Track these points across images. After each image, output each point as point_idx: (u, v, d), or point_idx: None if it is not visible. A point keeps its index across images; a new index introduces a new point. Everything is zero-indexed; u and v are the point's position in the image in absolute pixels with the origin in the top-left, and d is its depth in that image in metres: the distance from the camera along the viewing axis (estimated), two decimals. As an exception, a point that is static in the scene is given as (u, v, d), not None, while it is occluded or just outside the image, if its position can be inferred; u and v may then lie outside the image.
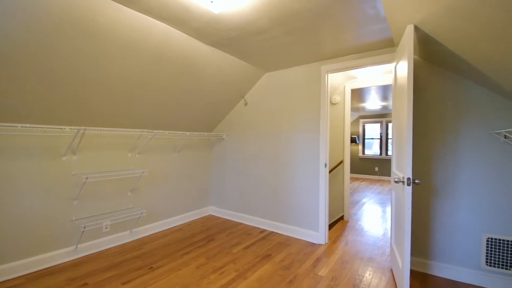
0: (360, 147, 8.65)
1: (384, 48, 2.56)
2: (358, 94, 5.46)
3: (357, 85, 3.79)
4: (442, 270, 2.28)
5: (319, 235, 2.98)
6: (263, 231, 3.36)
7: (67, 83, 2.07)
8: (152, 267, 2.37)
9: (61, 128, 2.25)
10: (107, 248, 2.74)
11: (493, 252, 2.07)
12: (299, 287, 2.09)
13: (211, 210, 4.10)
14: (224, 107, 3.67)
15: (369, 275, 2.30)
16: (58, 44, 1.80)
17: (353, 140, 8.52)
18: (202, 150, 3.98)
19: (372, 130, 8.63)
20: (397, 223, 2.18)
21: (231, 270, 2.34)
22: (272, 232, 3.32)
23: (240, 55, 2.81)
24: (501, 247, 2.04)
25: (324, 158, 2.94)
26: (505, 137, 2.03)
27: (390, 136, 8.09)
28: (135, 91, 2.51)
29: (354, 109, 7.41)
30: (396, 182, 1.96)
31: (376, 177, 8.31)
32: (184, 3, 1.78)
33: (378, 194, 5.96)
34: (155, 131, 2.98)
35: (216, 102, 3.43)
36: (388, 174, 8.07)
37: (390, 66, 3.11)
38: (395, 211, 2.28)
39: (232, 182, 3.83)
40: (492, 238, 2.07)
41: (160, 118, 3.05)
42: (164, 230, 3.31)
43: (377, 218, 4.06)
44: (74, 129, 2.32)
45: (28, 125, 2.03)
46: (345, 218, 3.90)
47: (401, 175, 1.92)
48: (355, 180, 8.02)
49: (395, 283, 2.16)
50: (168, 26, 2.11)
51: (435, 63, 2.27)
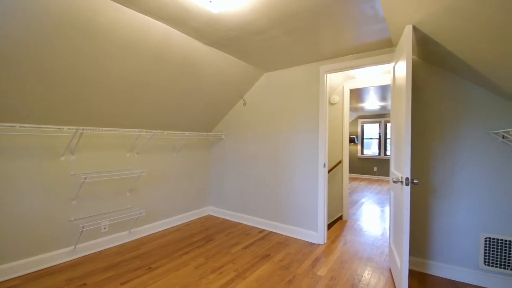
0: (359, 147, 8.67)
1: (383, 48, 2.57)
2: (357, 94, 5.47)
3: (356, 85, 3.80)
4: (441, 269, 2.29)
5: (318, 235, 2.99)
6: (262, 231, 3.36)
7: (67, 83, 2.07)
8: (151, 267, 2.37)
9: (59, 128, 2.25)
10: (106, 248, 2.74)
11: (491, 252, 2.08)
12: (298, 287, 2.10)
13: (210, 210, 4.10)
14: (223, 107, 3.67)
15: (367, 274, 2.31)
16: (58, 44, 1.80)
17: (352, 140, 8.53)
18: (201, 150, 3.98)
19: (371, 130, 8.65)
20: (395, 223, 2.19)
21: (230, 270, 2.34)
22: (271, 232, 3.33)
23: (239, 55, 2.81)
24: (499, 247, 2.05)
25: (323, 158, 2.94)
26: (503, 137, 2.04)
27: (388, 136, 8.11)
28: (134, 91, 2.50)
29: (353, 109, 7.43)
30: (394, 182, 1.97)
31: (374, 177, 8.33)
32: (183, 3, 1.78)
33: (377, 194, 5.98)
34: (154, 131, 2.98)
35: (215, 102, 3.43)
36: (387, 174, 8.09)
37: (389, 66, 3.12)
38: (394, 211, 2.29)
39: (231, 182, 3.83)
40: (490, 238, 2.08)
41: (159, 118, 3.05)
42: (163, 230, 3.31)
43: (375, 218, 4.07)
44: (72, 129, 2.31)
45: (26, 125, 2.03)
46: (344, 218, 3.90)
47: (399, 175, 1.93)
48: (354, 180, 8.04)
49: (394, 283, 2.17)
50: (168, 26, 2.11)
51: (433, 63, 2.28)
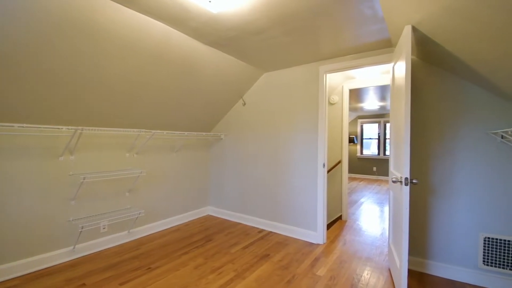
0: (358, 147, 8.68)
1: (382, 48, 2.57)
2: (356, 94, 5.47)
3: (355, 85, 3.80)
4: (440, 269, 2.29)
5: (317, 235, 2.99)
6: (261, 231, 3.36)
7: (67, 83, 2.06)
8: (150, 268, 2.36)
9: (58, 128, 2.24)
10: (105, 249, 2.73)
11: (490, 252, 2.08)
12: (297, 287, 2.10)
13: (210, 210, 4.09)
14: (222, 107, 3.66)
15: (367, 274, 2.31)
16: (58, 44, 1.79)
17: (351, 140, 8.54)
18: (201, 150, 3.97)
19: (370, 130, 8.66)
20: (395, 222, 2.19)
21: (230, 270, 2.34)
22: (271, 232, 3.33)
23: (238, 55, 2.81)
24: (498, 247, 2.06)
25: (322, 158, 2.94)
26: (502, 137, 2.05)
27: (388, 136, 8.12)
28: (134, 91, 2.50)
29: (352, 109, 7.43)
30: (394, 182, 1.97)
31: (374, 177, 8.34)
32: (183, 3, 1.78)
33: (376, 194, 5.98)
34: (153, 131, 2.97)
35: (214, 102, 3.42)
36: (386, 174, 8.10)
37: (388, 67, 3.13)
38: (393, 211, 2.29)
39: (231, 182, 3.83)
40: (489, 238, 2.09)
41: (158, 118, 3.05)
42: (162, 231, 3.31)
43: (375, 218, 4.08)
44: (71, 129, 2.31)
45: (25, 125, 2.02)
46: (343, 218, 3.91)
47: (398, 175, 1.93)
48: (353, 180, 8.04)
49: (393, 283, 2.17)
50: (167, 26, 2.11)
51: (432, 63, 2.28)
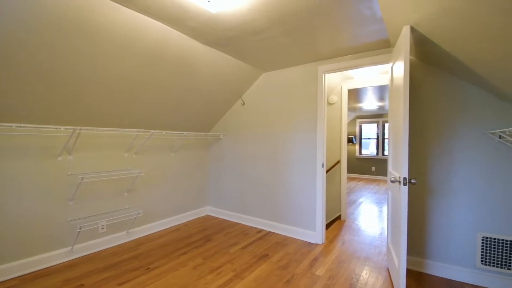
0: (357, 147, 8.69)
1: (381, 48, 2.57)
2: (355, 94, 5.48)
3: (354, 85, 3.81)
4: (438, 269, 2.30)
5: (316, 234, 3.00)
6: (260, 231, 3.36)
7: (66, 83, 2.06)
8: (149, 268, 2.36)
9: (56, 128, 2.23)
10: (104, 249, 2.72)
11: (488, 251, 2.09)
12: (296, 287, 2.10)
13: (208, 210, 4.09)
14: (221, 107, 3.66)
15: (366, 274, 2.32)
16: (57, 44, 1.79)
17: (350, 140, 8.55)
18: (200, 150, 3.97)
19: (369, 130, 8.68)
20: (393, 222, 2.20)
21: (228, 270, 2.34)
22: (270, 232, 3.33)
23: (237, 55, 2.81)
24: (496, 246, 2.06)
25: (321, 158, 2.95)
26: (499, 137, 2.06)
27: (386, 136, 8.14)
28: (133, 91, 2.49)
29: (351, 109, 7.44)
30: (392, 181, 1.98)
31: (372, 177, 8.36)
32: (181, 3, 1.77)
33: (375, 193, 5.99)
34: (152, 131, 2.97)
35: (213, 102, 3.42)
36: (385, 174, 8.12)
37: (387, 67, 3.13)
38: (392, 211, 2.30)
39: (230, 182, 3.83)
40: (487, 237, 2.09)
41: (157, 118, 3.04)
42: (161, 231, 3.30)
43: (373, 217, 4.09)
44: (69, 129, 2.30)
45: (23, 124, 2.02)
46: (342, 218, 3.91)
47: (397, 175, 1.93)
48: (352, 180, 8.06)
49: (392, 282, 2.17)
50: (166, 26, 2.11)
51: (431, 64, 2.29)
